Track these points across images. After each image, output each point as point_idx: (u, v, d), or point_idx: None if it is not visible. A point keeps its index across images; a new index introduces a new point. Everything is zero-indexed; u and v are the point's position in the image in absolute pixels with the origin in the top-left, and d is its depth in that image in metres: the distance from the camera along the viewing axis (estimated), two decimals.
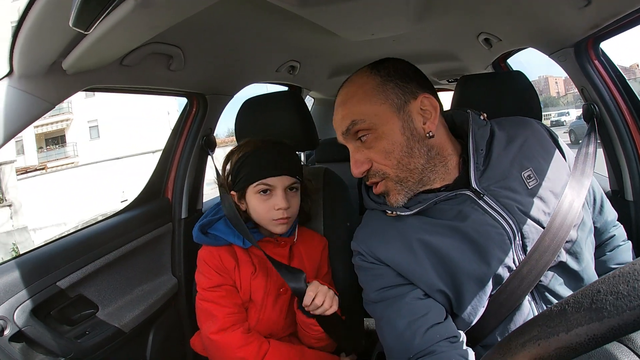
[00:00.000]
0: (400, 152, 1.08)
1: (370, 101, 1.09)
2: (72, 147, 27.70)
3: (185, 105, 2.01)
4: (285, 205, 1.39)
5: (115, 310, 1.59)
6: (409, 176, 1.10)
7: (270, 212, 1.40)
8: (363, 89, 1.11)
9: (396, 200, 1.12)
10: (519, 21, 1.70)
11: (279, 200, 1.38)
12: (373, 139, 1.09)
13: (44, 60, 1.13)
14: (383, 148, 1.08)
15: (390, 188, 1.12)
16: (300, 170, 1.46)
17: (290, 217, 1.43)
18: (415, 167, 1.09)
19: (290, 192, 1.43)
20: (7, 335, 1.25)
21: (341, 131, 1.14)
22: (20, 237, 13.51)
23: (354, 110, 1.10)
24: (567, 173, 1.15)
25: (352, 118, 1.10)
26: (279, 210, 1.39)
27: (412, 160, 1.09)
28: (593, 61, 1.62)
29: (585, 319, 0.44)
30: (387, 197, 1.14)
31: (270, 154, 1.42)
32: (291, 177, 1.42)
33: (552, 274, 1.07)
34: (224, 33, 1.60)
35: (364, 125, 1.09)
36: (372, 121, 1.08)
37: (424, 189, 1.13)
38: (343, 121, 1.12)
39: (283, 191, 1.40)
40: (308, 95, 3.39)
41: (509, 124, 1.21)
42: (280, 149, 1.45)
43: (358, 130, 1.10)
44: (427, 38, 2.17)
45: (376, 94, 1.09)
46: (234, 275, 1.44)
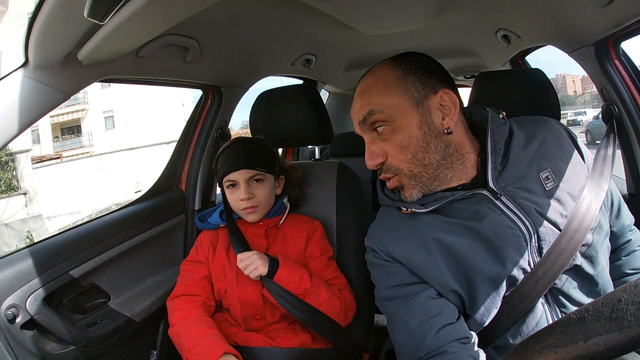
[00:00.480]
0: (416, 146, 1.06)
1: (389, 93, 1.08)
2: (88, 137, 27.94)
3: (200, 97, 2.01)
4: (245, 196, 1.51)
5: (127, 300, 1.60)
6: (423, 171, 1.08)
7: (238, 203, 1.54)
8: (383, 81, 1.10)
9: (410, 195, 1.10)
10: (538, 18, 1.67)
11: (241, 192, 1.51)
12: (389, 131, 1.07)
13: (59, 51, 1.13)
14: (399, 141, 1.07)
15: (404, 183, 1.11)
16: (264, 163, 1.55)
17: (258, 206, 1.54)
18: (430, 162, 1.07)
19: (255, 183, 1.54)
20: (19, 323, 1.27)
21: (358, 120, 1.12)
22: (34, 224, 13.72)
23: (373, 101, 1.09)
24: (585, 175, 1.12)
25: (370, 108, 1.08)
26: (242, 201, 1.51)
27: (427, 156, 1.07)
28: (614, 61, 1.59)
29: (604, 329, 0.42)
30: (401, 192, 1.13)
31: (233, 150, 1.57)
32: (251, 169, 1.52)
33: (567, 277, 1.05)
34: (240, 25, 1.60)
35: (381, 116, 1.07)
36: (390, 113, 1.06)
37: (441, 187, 1.11)
38: (360, 110, 1.11)
39: (245, 184, 1.52)
40: (323, 89, 3.38)
41: (528, 124, 1.18)
42: (243, 145, 1.59)
43: (375, 121, 1.08)
44: (444, 33, 2.15)
45: (396, 86, 1.08)
46: (208, 253, 1.61)
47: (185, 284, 1.58)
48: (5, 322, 1.24)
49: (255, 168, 1.52)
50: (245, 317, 1.52)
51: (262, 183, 1.54)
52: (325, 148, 3.64)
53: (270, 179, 1.58)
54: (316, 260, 1.56)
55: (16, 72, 1.14)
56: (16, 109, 1.11)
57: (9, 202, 13.59)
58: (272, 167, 1.58)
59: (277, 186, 1.63)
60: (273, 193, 1.60)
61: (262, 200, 1.54)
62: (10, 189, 13.97)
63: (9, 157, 13.97)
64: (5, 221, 13.28)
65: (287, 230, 1.61)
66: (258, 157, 1.55)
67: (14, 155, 14.01)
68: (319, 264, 1.55)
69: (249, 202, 1.51)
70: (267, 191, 1.56)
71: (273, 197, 1.60)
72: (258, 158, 1.55)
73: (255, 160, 1.54)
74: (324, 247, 1.60)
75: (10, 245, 12.49)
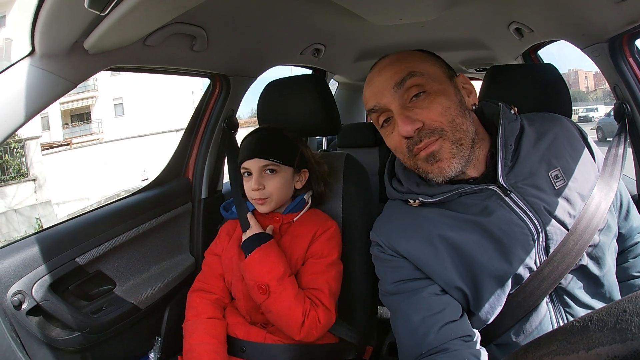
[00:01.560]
0: (455, 110, 1.05)
1: (428, 61, 1.10)
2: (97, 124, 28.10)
3: (208, 86, 2.01)
4: (256, 186, 1.48)
5: (132, 287, 1.61)
6: (463, 138, 1.04)
7: (250, 192, 1.52)
8: (417, 54, 1.12)
9: (450, 166, 1.04)
10: (552, 12, 1.64)
11: (252, 182, 1.49)
12: (427, 96, 1.05)
13: (66, 40, 1.13)
14: (439, 103, 1.04)
15: (445, 150, 1.04)
16: (280, 154, 1.51)
17: (269, 198, 1.50)
18: (467, 130, 1.06)
19: (268, 174, 1.50)
20: (25, 309, 1.28)
21: (394, 82, 1.06)
22: (43, 210, 13.85)
23: (412, 65, 1.07)
24: (595, 175, 1.11)
25: (411, 70, 1.06)
26: (254, 191, 1.49)
27: (465, 122, 1.06)
28: (627, 59, 1.56)
29: (607, 339, 0.41)
30: (438, 163, 1.04)
31: (252, 139, 1.55)
32: (264, 159, 1.49)
33: (572, 277, 1.04)
34: (249, 14, 1.59)
35: (422, 79, 1.05)
36: (430, 78, 1.06)
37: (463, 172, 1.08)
38: (397, 74, 1.07)
39: (258, 173, 1.49)
40: (332, 79, 3.36)
41: (539, 120, 1.17)
42: (261, 134, 1.56)
43: (414, 84, 1.05)
44: (456, 25, 2.12)
45: (431, 58, 1.12)
46: (225, 242, 1.61)
47: (202, 280, 1.61)
48: (12, 308, 1.25)
49: (269, 158, 1.49)
50: (248, 309, 1.52)
51: (276, 174, 1.50)
52: (333, 139, 3.63)
53: (287, 171, 1.53)
54: (312, 263, 1.50)
55: (23, 61, 1.13)
56: (23, 97, 1.11)
57: (18, 188, 13.72)
58: (291, 160, 1.53)
59: (298, 180, 1.58)
60: (289, 186, 1.55)
61: (272, 192, 1.49)
62: (20, 175, 14.10)
63: (19, 144, 14.08)
64: (14, 207, 13.41)
65: (298, 225, 1.56)
66: (274, 148, 1.51)
67: (23, 142, 14.13)
68: (312, 267, 1.49)
69: (259, 192, 1.48)
70: (280, 183, 1.51)
71: (289, 190, 1.56)
72: (274, 148, 1.51)
73: (271, 150, 1.50)
74: (327, 250, 1.51)
75: (19, 231, 12.64)
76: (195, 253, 1.92)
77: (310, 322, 1.38)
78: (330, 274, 1.48)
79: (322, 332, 1.43)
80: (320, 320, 1.40)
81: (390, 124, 1.10)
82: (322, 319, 1.40)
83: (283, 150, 1.53)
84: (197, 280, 1.62)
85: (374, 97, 1.10)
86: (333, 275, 1.49)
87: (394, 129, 1.08)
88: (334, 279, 1.49)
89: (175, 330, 1.72)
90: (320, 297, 1.43)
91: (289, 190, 1.56)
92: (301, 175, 1.59)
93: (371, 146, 3.13)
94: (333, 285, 1.48)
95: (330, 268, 1.49)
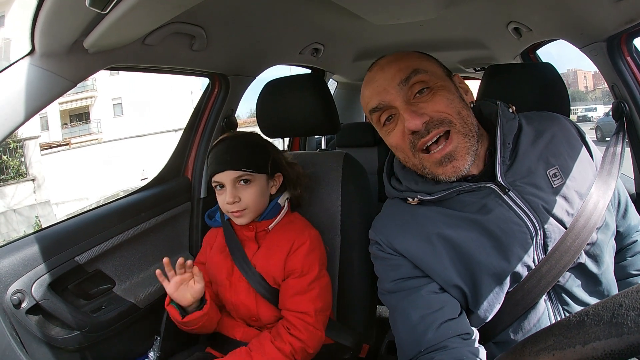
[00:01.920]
0: (460, 103, 1.07)
1: (428, 60, 1.12)
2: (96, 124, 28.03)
3: (207, 86, 2.01)
4: (231, 199, 1.40)
5: (132, 286, 1.62)
6: (472, 130, 1.06)
7: (224, 206, 1.44)
8: (416, 53, 1.13)
9: (465, 163, 1.04)
10: (550, 12, 1.65)
11: (227, 195, 1.41)
12: (430, 92, 1.06)
13: (65, 39, 1.13)
14: (445, 97, 1.05)
15: (460, 147, 1.04)
16: (252, 162, 1.44)
17: (246, 209, 1.43)
18: (473, 122, 1.07)
19: (242, 184, 1.43)
20: (25, 308, 1.28)
21: (399, 80, 1.06)
22: (43, 210, 13.85)
23: (415, 63, 1.08)
24: (593, 173, 1.11)
25: (415, 67, 1.07)
26: (228, 205, 1.42)
27: (470, 114, 1.08)
28: (626, 58, 1.56)
29: (604, 333, 0.42)
30: (451, 163, 1.04)
31: (219, 149, 1.46)
32: (236, 170, 1.41)
33: (570, 274, 1.04)
34: (248, 13, 1.59)
35: (425, 76, 1.06)
36: (433, 75, 1.07)
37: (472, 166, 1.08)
38: (401, 71, 1.07)
39: (231, 186, 1.41)
40: (331, 78, 3.36)
41: (537, 119, 1.17)
42: (229, 143, 1.47)
43: (419, 81, 1.06)
44: (455, 24, 2.12)
45: (429, 57, 1.13)
46: (207, 251, 1.60)
47: None
48: (11, 307, 1.25)
49: (242, 168, 1.41)
50: (241, 317, 1.52)
51: (250, 184, 1.43)
52: (331, 138, 3.63)
53: (261, 179, 1.46)
54: (293, 282, 1.44)
55: (22, 60, 1.14)
56: (23, 96, 1.12)
57: (17, 188, 13.72)
58: (264, 166, 1.47)
59: (272, 185, 1.52)
60: (265, 194, 1.49)
61: (249, 203, 1.43)
62: (19, 175, 14.08)
63: (18, 144, 14.06)
64: (14, 207, 13.40)
65: (275, 235, 1.50)
66: (245, 157, 1.44)
67: (22, 142, 14.11)
68: (294, 287, 1.43)
69: (235, 205, 1.41)
70: (256, 193, 1.44)
71: (265, 198, 1.49)
72: (245, 157, 1.44)
73: (242, 159, 1.43)
74: (307, 266, 1.45)
75: (18, 231, 12.62)
76: (194, 252, 1.92)
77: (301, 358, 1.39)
78: (314, 292, 1.43)
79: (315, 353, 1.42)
80: (310, 349, 1.39)
81: (392, 122, 1.10)
82: (310, 346, 1.39)
83: (254, 157, 1.46)
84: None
85: (377, 95, 1.09)
86: (317, 293, 1.44)
87: (396, 126, 1.09)
88: (319, 296, 1.44)
89: (174, 329, 1.72)
90: (307, 319, 1.39)
91: (266, 198, 1.50)
92: (275, 179, 1.53)
93: (370, 145, 3.14)
94: (318, 304, 1.43)
95: (313, 286, 1.44)
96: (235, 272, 1.49)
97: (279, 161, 1.54)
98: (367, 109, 1.14)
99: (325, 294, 1.47)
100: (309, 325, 1.39)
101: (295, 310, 1.40)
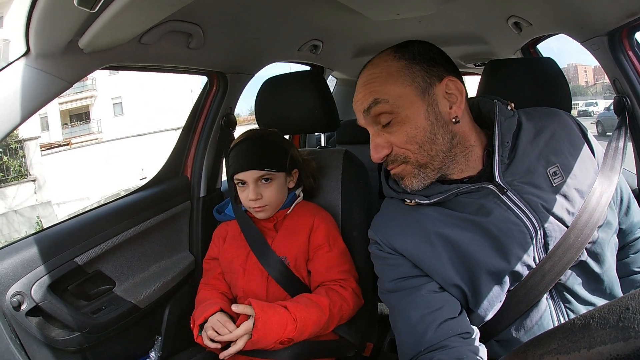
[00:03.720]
0: (423, 137, 1.04)
1: (395, 83, 1.05)
2: (97, 124, 28.07)
3: (205, 84, 2.00)
4: (254, 197, 1.49)
5: (132, 287, 1.61)
6: (429, 162, 1.06)
7: (247, 202, 1.53)
8: (387, 71, 1.06)
9: (410, 184, 1.08)
10: (551, 6, 1.64)
11: (249, 193, 1.49)
12: (395, 122, 1.04)
13: (60, 39, 1.12)
14: (406, 132, 1.04)
15: (407, 172, 1.08)
16: (273, 162, 1.52)
17: (267, 205, 1.52)
18: (436, 153, 1.05)
19: (263, 183, 1.51)
20: (24, 310, 1.27)
21: (362, 109, 1.08)
22: (44, 211, 13.87)
23: (377, 90, 1.05)
24: (594, 170, 1.10)
25: (375, 96, 1.05)
26: (251, 201, 1.50)
27: (434, 147, 1.05)
28: (627, 52, 1.54)
29: (610, 338, 0.40)
30: (401, 181, 1.11)
31: (242, 148, 1.54)
32: (259, 170, 1.49)
33: (571, 272, 1.04)
34: (245, 10, 1.58)
35: (386, 106, 1.04)
36: (396, 103, 1.03)
37: (443, 179, 1.10)
38: (364, 99, 1.07)
39: (254, 184, 1.50)
40: (331, 75, 3.35)
41: (537, 115, 1.16)
42: (252, 143, 1.54)
43: (380, 112, 1.05)
44: (454, 19, 2.11)
45: (402, 76, 1.05)
46: (220, 244, 1.66)
47: (205, 281, 1.66)
48: (11, 309, 1.24)
49: (264, 168, 1.49)
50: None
51: (272, 182, 1.51)
52: (331, 135, 3.62)
53: (281, 177, 1.54)
54: (323, 257, 1.53)
55: (18, 61, 1.13)
56: (19, 97, 1.11)
57: (18, 189, 13.74)
58: (283, 164, 1.54)
59: (290, 180, 1.60)
60: (284, 190, 1.57)
61: (270, 200, 1.51)
62: (20, 175, 14.10)
63: (18, 145, 14.08)
64: (15, 208, 13.43)
65: (292, 220, 1.59)
66: (267, 156, 1.52)
67: (23, 143, 14.13)
68: (326, 261, 1.52)
69: (257, 202, 1.50)
70: (277, 190, 1.53)
71: (284, 194, 1.57)
72: (267, 157, 1.51)
73: (265, 160, 1.50)
74: (333, 238, 1.55)
75: (20, 232, 12.65)
76: (194, 251, 1.91)
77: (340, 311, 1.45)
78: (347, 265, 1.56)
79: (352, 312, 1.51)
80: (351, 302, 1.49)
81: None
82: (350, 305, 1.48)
83: (275, 157, 1.54)
84: (201, 283, 1.67)
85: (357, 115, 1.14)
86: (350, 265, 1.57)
87: None
88: (353, 267, 1.57)
89: (175, 328, 1.72)
90: (350, 284, 1.52)
91: (285, 193, 1.58)
92: (292, 175, 1.61)
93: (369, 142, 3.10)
94: (355, 274, 1.56)
95: (343, 257, 1.55)
96: (250, 259, 1.55)
97: (297, 158, 1.62)
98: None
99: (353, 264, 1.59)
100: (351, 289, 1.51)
101: (335, 279, 1.51)
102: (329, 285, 1.49)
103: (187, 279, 1.85)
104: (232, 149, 1.56)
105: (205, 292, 1.59)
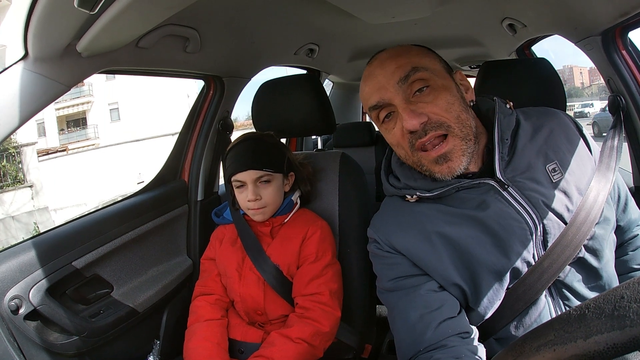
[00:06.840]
0: (459, 106, 1.04)
1: (428, 56, 1.09)
2: (93, 129, 27.99)
3: (202, 88, 2.01)
4: (252, 197, 1.49)
5: (130, 290, 1.61)
6: (469, 134, 1.05)
7: (245, 203, 1.53)
8: (417, 48, 1.10)
9: (459, 164, 1.04)
10: (544, 7, 1.65)
11: (248, 194, 1.49)
12: (430, 92, 1.04)
13: (58, 43, 1.13)
14: (445, 99, 1.03)
15: (456, 149, 1.03)
16: (271, 163, 1.52)
17: (266, 207, 1.52)
18: (471, 125, 1.05)
19: (262, 184, 1.51)
20: (23, 314, 1.27)
21: (397, 78, 1.04)
22: (41, 217, 13.82)
23: (415, 60, 1.06)
24: (592, 167, 1.10)
25: (414, 65, 1.04)
26: (250, 202, 1.50)
27: (469, 118, 1.06)
28: (621, 51, 1.56)
29: (605, 327, 0.41)
30: (447, 163, 1.04)
31: (240, 149, 1.54)
32: (258, 170, 1.49)
33: (570, 269, 1.04)
34: (241, 15, 1.58)
35: (425, 74, 1.04)
36: (433, 73, 1.05)
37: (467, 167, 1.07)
38: (400, 68, 1.05)
39: (253, 184, 1.50)
40: (327, 78, 3.36)
41: (534, 114, 1.17)
42: (250, 144, 1.55)
43: (418, 79, 1.04)
44: (449, 22, 2.13)
45: (431, 54, 1.11)
46: (217, 247, 1.65)
47: (201, 284, 1.64)
48: (9, 313, 1.24)
49: (263, 169, 1.50)
50: (247, 310, 1.53)
51: (270, 184, 1.52)
52: (328, 138, 3.62)
53: (279, 178, 1.55)
54: (308, 267, 1.51)
55: (16, 65, 1.13)
56: (17, 101, 1.11)
57: (15, 194, 13.69)
58: (281, 166, 1.55)
59: (286, 183, 1.60)
60: (281, 192, 1.57)
61: (269, 201, 1.52)
62: (17, 181, 14.05)
63: (15, 150, 14.04)
64: (12, 214, 13.37)
65: (289, 228, 1.58)
66: (266, 157, 1.52)
67: (20, 148, 14.09)
68: (309, 272, 1.50)
69: (256, 203, 1.50)
70: (275, 192, 1.53)
71: (281, 196, 1.57)
72: (266, 158, 1.52)
73: (263, 160, 1.51)
74: (321, 251, 1.53)
75: (17, 238, 12.59)
76: (192, 255, 1.91)
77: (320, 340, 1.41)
78: (327, 275, 1.50)
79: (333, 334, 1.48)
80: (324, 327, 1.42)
81: (392, 119, 1.08)
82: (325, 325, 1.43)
83: (273, 158, 1.54)
84: (197, 286, 1.65)
85: (377, 92, 1.07)
86: (330, 276, 1.51)
87: (395, 124, 1.07)
88: (332, 279, 1.51)
89: (174, 332, 1.72)
90: (320, 299, 1.45)
91: (281, 196, 1.58)
92: (289, 178, 1.61)
93: (367, 145, 3.13)
94: (332, 285, 1.49)
95: (326, 270, 1.51)
96: (246, 264, 1.54)
97: (293, 161, 1.64)
98: (366, 106, 1.13)
99: (338, 279, 1.55)
100: (322, 305, 1.45)
101: (309, 293, 1.46)
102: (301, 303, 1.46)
103: (185, 283, 1.85)
104: (229, 151, 1.56)
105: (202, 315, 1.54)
